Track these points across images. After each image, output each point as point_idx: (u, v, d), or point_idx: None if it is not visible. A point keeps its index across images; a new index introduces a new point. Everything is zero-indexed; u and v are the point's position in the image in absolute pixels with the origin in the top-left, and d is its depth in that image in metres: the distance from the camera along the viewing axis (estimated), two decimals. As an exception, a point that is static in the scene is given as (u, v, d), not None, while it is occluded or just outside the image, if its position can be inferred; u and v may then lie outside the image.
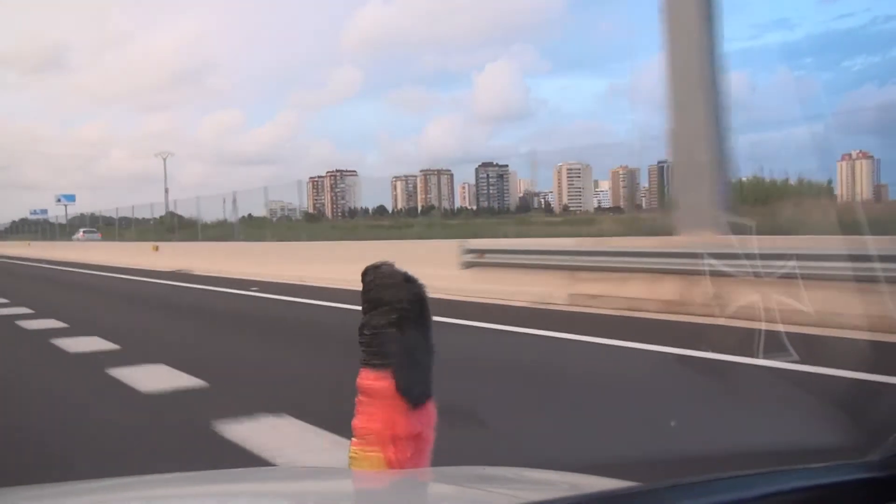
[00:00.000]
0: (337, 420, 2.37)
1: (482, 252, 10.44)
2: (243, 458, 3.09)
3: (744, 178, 13.60)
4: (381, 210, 30.58)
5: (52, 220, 53.55)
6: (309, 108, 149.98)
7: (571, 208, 29.78)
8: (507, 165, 31.50)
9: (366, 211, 29.56)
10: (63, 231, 46.15)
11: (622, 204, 29.66)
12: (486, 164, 32.76)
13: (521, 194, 32.20)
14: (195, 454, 3.31)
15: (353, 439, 1.52)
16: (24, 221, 57.86)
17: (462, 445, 2.47)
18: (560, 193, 32.36)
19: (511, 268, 9.78)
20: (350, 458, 1.51)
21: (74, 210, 53.47)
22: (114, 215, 35.53)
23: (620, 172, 31.10)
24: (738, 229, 6.89)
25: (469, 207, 29.34)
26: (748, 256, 6.05)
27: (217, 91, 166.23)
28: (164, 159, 59.40)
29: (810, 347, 4.80)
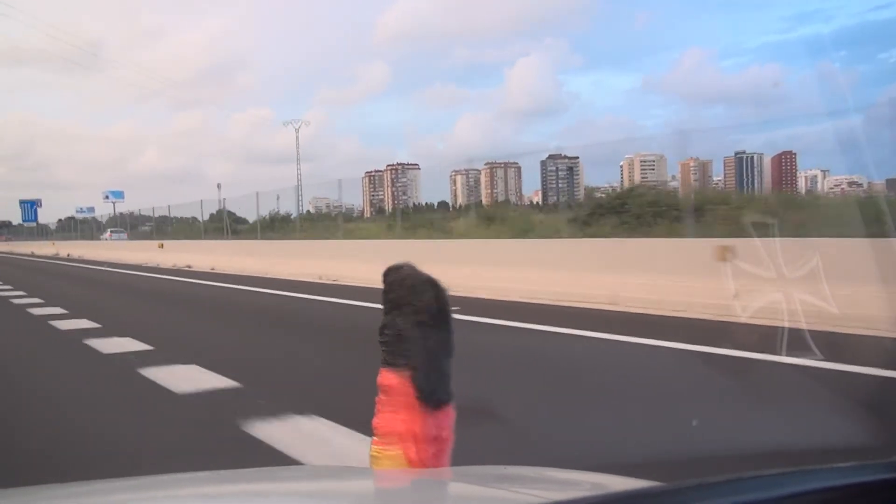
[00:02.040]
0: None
1: None
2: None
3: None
4: (443, 206, 28.65)
5: (98, 219, 51.76)
6: (338, 104, 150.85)
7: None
8: (577, 157, 29.26)
9: (431, 206, 27.58)
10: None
11: (693, 197, 28.34)
12: (554, 156, 30.52)
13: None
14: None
15: (373, 438, 1.53)
16: (70, 220, 55.88)
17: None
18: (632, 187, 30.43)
19: None
20: (371, 457, 1.53)
21: (122, 207, 51.33)
22: (164, 213, 32.29)
23: (691, 165, 29.64)
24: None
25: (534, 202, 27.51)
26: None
27: (247, 88, 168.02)
28: (297, 129, 53.97)
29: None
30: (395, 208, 28.47)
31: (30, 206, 67.79)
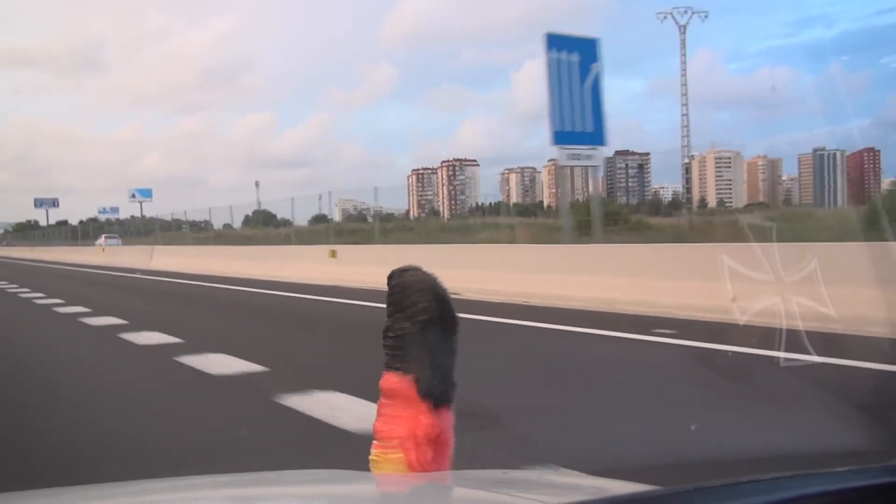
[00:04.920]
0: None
1: None
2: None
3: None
4: (498, 207, 26.50)
5: (123, 220, 48.65)
6: (343, 108, 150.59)
7: (726, 203, 25.52)
8: (648, 153, 27.24)
9: (493, 208, 25.24)
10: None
11: (762, 198, 25.99)
12: (622, 153, 28.52)
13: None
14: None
15: (374, 442, 1.53)
16: (92, 222, 52.29)
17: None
18: (702, 186, 28.28)
19: None
20: (371, 460, 1.53)
21: (151, 207, 48.12)
22: (182, 217, 29.65)
23: (759, 163, 27.85)
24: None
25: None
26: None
27: (250, 91, 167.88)
28: (683, 25, 37.97)
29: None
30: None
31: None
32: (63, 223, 60.96)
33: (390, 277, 1.55)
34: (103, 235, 42.09)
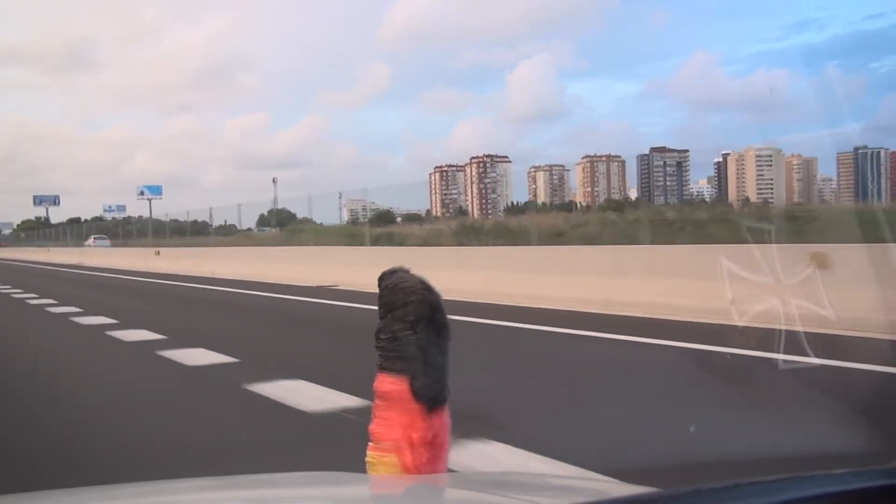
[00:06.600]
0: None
1: None
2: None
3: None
4: (529, 206, 25.27)
5: (131, 219, 45.22)
6: (337, 108, 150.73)
7: (770, 203, 24.37)
8: (687, 150, 26.01)
9: (526, 207, 23.74)
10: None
11: (797, 198, 25.09)
12: (658, 149, 27.48)
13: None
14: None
15: (369, 444, 1.53)
16: (98, 221, 49.54)
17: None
18: (741, 185, 27.10)
19: None
20: (367, 462, 1.52)
21: (160, 205, 44.91)
22: (200, 217, 26.74)
23: (794, 163, 27.07)
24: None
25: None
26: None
27: (245, 91, 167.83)
28: None
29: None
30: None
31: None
32: (76, 220, 57.87)
33: (380, 279, 1.55)
34: (92, 236, 41.32)
